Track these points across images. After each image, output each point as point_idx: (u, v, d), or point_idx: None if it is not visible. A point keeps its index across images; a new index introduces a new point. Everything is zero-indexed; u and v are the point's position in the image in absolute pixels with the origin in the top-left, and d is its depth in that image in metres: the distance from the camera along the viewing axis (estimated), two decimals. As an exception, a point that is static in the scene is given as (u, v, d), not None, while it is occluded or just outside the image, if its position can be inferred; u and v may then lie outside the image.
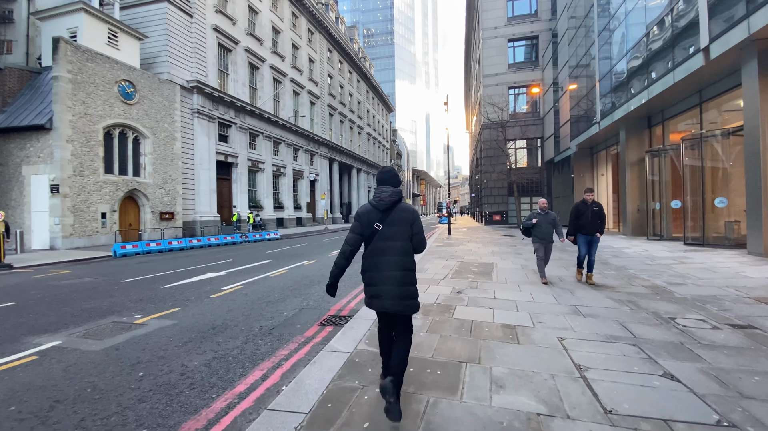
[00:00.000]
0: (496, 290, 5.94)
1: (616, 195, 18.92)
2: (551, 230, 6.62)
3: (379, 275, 2.54)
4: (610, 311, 4.79)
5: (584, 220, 6.48)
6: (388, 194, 2.58)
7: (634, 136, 15.20)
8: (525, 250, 11.45)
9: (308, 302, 5.92)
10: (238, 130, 26.98)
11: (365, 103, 53.90)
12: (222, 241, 18.25)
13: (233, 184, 26.96)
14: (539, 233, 6.60)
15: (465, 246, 12.98)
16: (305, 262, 10.55)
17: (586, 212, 6.47)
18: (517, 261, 9.08)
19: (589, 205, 6.51)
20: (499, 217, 30.19)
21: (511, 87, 29.73)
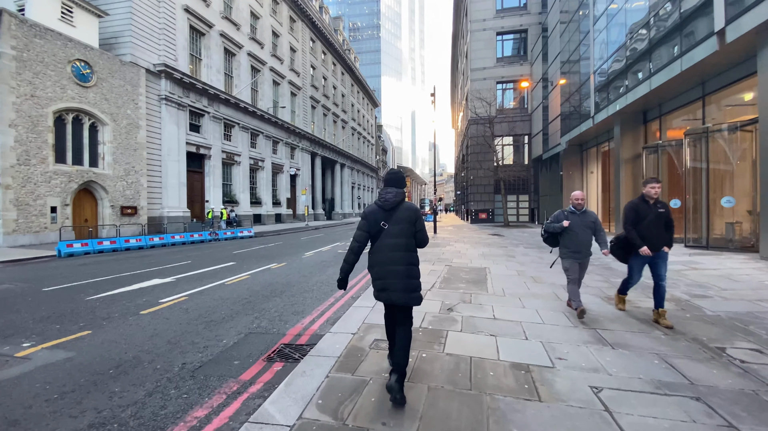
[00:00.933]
0: (495, 306, 4.86)
1: (606, 194, 18.28)
2: (590, 238, 4.57)
3: (385, 270, 2.72)
4: (642, 338, 3.76)
5: (648, 228, 4.20)
6: (393, 195, 2.76)
7: (629, 131, 14.46)
8: (517, 252, 10.48)
9: (261, 322, 4.69)
10: (212, 120, 25.26)
11: (350, 97, 52.42)
12: (188, 239, 16.71)
13: (206, 177, 25.26)
14: (572, 243, 4.52)
15: (452, 246, 11.95)
16: (273, 265, 9.27)
17: (649, 215, 4.21)
18: (512, 266, 8.06)
19: (652, 205, 4.25)
20: (486, 215, 29.43)
21: (499, 82, 28.91)
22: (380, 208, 2.79)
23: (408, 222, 2.74)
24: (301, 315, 4.92)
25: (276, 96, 33.48)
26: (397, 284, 2.69)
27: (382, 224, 2.74)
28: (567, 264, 4.64)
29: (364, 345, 3.44)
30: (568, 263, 4.62)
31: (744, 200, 9.69)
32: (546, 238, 4.84)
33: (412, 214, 2.77)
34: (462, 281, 6.43)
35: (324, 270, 8.43)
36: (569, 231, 4.56)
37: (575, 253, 4.57)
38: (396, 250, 2.72)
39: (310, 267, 8.92)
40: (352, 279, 7.42)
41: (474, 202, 29.88)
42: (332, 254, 11.42)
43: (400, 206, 2.77)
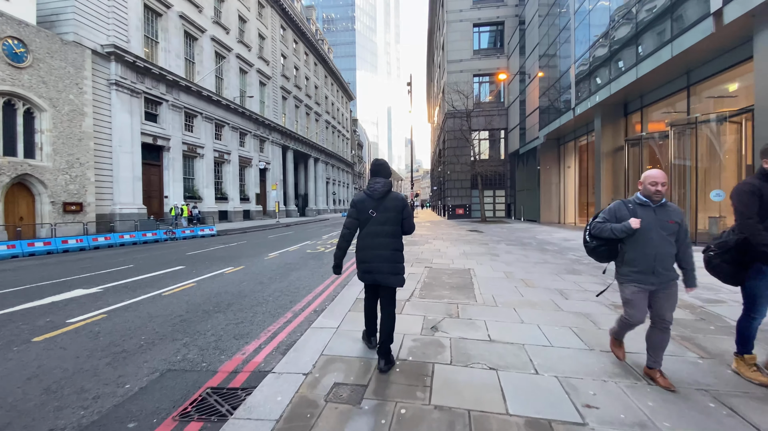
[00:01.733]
0: (488, 321, 3.96)
1: (584, 189, 18.03)
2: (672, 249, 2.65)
3: (372, 254, 2.88)
4: (678, 362, 2.96)
5: None
6: (381, 185, 2.94)
7: (610, 124, 14.09)
8: (500, 250, 9.75)
9: (189, 352, 3.58)
10: (171, 109, 23.28)
11: (323, 89, 50.73)
12: (140, 239, 15.03)
13: (164, 170, 23.30)
14: (642, 257, 2.64)
15: (431, 244, 11.09)
16: (228, 269, 8.06)
17: None
18: (498, 267, 7.25)
19: None
20: (463, 211, 28.94)
21: (476, 75, 28.34)
22: (369, 196, 2.93)
23: (395, 211, 2.90)
24: (245, 340, 3.84)
25: (243, 85, 31.56)
26: (383, 267, 2.85)
27: (370, 212, 2.89)
28: (629, 294, 2.72)
29: (319, 395, 2.43)
30: (632, 292, 2.69)
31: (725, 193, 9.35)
32: (594, 248, 2.89)
33: (399, 203, 2.92)
34: (445, 287, 5.52)
35: (286, 275, 7.33)
36: (639, 236, 2.64)
37: (646, 275, 2.63)
38: (383, 236, 2.87)
39: (271, 271, 7.78)
40: (319, 286, 6.37)
41: (451, 197, 29.32)
42: (299, 255, 10.28)
43: (388, 195, 2.92)
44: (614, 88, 11.74)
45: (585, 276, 6.31)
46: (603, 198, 14.09)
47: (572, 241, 11.39)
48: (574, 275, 6.43)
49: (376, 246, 2.87)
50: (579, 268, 7.06)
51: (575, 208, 19.16)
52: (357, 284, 5.72)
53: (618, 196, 14.01)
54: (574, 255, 8.71)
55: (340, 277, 6.92)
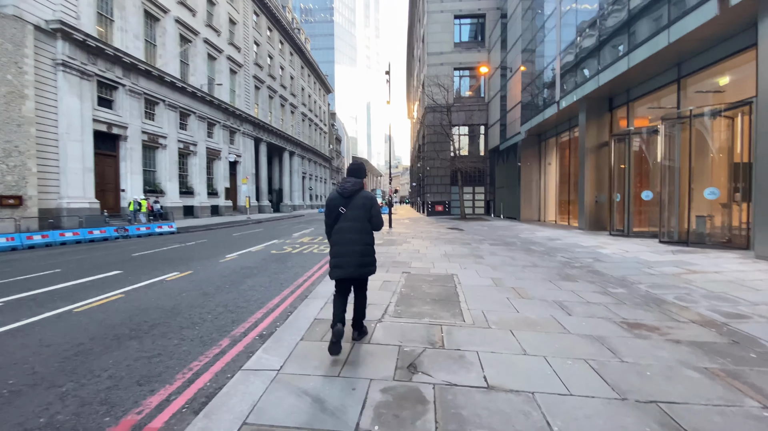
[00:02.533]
0: (481, 352, 3.05)
1: (565, 186, 17.63)
2: None
3: (343, 249, 3.09)
4: (740, 418, 2.15)
5: None
6: (351, 184, 3.16)
7: (594, 119, 13.59)
8: (483, 251, 8.95)
9: (62, 408, 2.47)
10: (129, 95, 21.34)
11: (300, 80, 48.93)
12: (85, 237, 13.39)
13: (121, 162, 21.38)
14: None
15: (410, 244, 10.19)
16: (172, 275, 6.86)
17: None
18: (484, 271, 6.42)
19: None
20: (442, 208, 28.30)
21: (456, 68, 27.62)
22: (340, 195, 3.17)
23: (364, 209, 3.13)
24: (151, 386, 2.77)
25: (212, 72, 29.64)
26: (353, 260, 3.06)
27: (340, 209, 3.14)
28: None
29: None
30: None
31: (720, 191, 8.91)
32: None
33: (367, 201, 3.16)
34: (426, 300, 4.60)
35: (240, 282, 6.22)
36: None
37: None
38: (353, 232, 3.10)
39: (223, 278, 6.65)
40: (274, 298, 5.32)
41: (430, 194, 28.61)
42: (261, 256, 9.14)
43: (358, 194, 3.17)
44: (603, 79, 11.15)
45: (582, 284, 5.55)
46: (587, 195, 13.61)
47: (557, 241, 10.77)
48: (570, 282, 5.67)
49: (348, 241, 3.08)
50: (572, 273, 6.31)
51: (556, 206, 18.78)
52: (319, 297, 4.72)
53: (602, 193, 13.57)
54: (564, 257, 8.01)
55: (302, 286, 5.90)
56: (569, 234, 12.63)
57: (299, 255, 9.14)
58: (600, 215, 13.63)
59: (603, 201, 13.61)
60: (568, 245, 9.81)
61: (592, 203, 13.62)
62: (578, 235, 12.12)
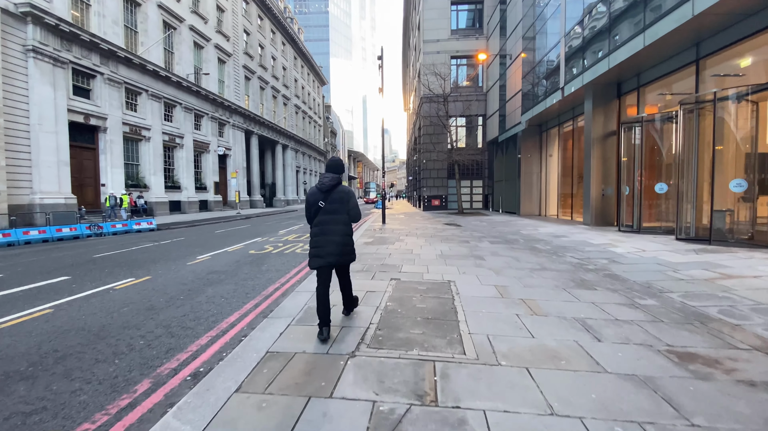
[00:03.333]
0: (490, 412, 2.14)
1: (568, 179, 16.74)
2: None
3: (324, 239, 3.27)
4: None
5: None
6: (329, 179, 3.34)
7: (601, 107, 12.66)
8: (483, 249, 8.06)
9: None
10: (108, 84, 20.17)
11: (292, 71, 47.57)
12: (53, 235, 12.38)
13: (101, 155, 20.28)
14: None
15: (403, 242, 9.28)
16: (123, 283, 5.91)
17: None
18: (486, 277, 5.52)
19: None
20: (439, 202, 27.39)
21: (453, 56, 26.54)
22: (319, 190, 3.35)
23: (341, 202, 3.32)
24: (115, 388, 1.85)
25: (198, 61, 28.39)
26: (333, 250, 3.26)
27: (319, 203, 3.31)
28: None
29: None
30: None
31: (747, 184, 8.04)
32: None
33: (344, 195, 3.34)
34: (416, 319, 3.69)
35: (198, 292, 5.29)
36: None
37: None
38: (333, 224, 3.29)
39: (181, 286, 5.71)
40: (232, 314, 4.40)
41: (426, 188, 27.67)
42: (236, 258, 8.20)
43: (336, 188, 3.35)
44: (615, 60, 10.19)
45: (602, 293, 4.67)
46: (593, 188, 12.73)
47: (563, 238, 9.89)
48: (588, 290, 4.78)
49: (328, 232, 3.27)
50: (588, 278, 5.43)
51: (558, 200, 17.91)
52: (284, 314, 3.81)
53: (609, 186, 12.69)
54: (574, 257, 7.13)
55: (270, 296, 4.98)
56: (574, 230, 11.77)
57: (279, 256, 8.21)
58: (607, 209, 12.76)
59: (610, 194, 12.74)
60: (576, 243, 8.93)
61: (599, 197, 12.74)
62: (585, 231, 11.25)
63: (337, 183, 3.36)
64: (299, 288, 4.91)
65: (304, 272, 6.50)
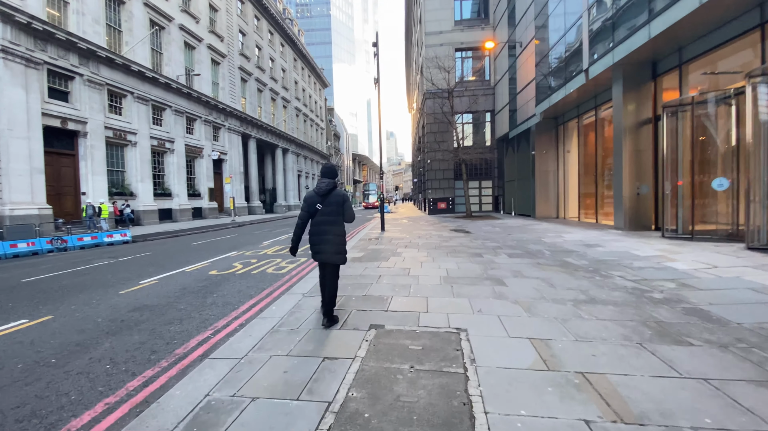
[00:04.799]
0: None
1: (590, 178, 14.85)
2: None
3: (320, 238, 3.65)
4: None
5: None
6: (325, 184, 3.66)
7: (633, 91, 10.81)
8: (501, 267, 6.29)
9: None
10: (88, 86, 18.85)
11: (292, 73, 46.27)
12: (7, 251, 10.87)
13: (80, 161, 18.92)
14: None
15: (399, 258, 7.53)
16: (10, 327, 4.27)
17: None
18: (516, 322, 3.75)
19: None
20: (445, 205, 25.57)
21: (458, 49, 24.81)
22: (316, 194, 3.68)
23: (336, 205, 3.66)
24: None
25: (190, 62, 27.08)
26: (328, 248, 3.63)
27: (317, 206, 3.65)
28: None
29: None
30: None
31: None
32: None
33: (340, 198, 3.68)
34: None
35: (89, 348, 3.59)
36: None
37: None
38: (328, 225, 3.64)
39: (77, 334, 4.02)
40: (89, 409, 2.70)
41: (432, 190, 25.88)
42: (187, 282, 6.52)
43: (332, 192, 3.68)
44: (658, 28, 8.35)
45: (706, 352, 2.88)
46: (625, 186, 10.84)
47: (598, 248, 8.04)
48: (680, 347, 2.98)
49: (323, 232, 3.63)
50: (666, 319, 3.63)
51: (579, 200, 16.00)
52: (168, 411, 2.08)
53: (644, 183, 10.80)
54: (625, 278, 5.31)
55: (186, 359, 3.27)
56: (607, 236, 9.89)
57: (241, 279, 6.53)
58: (642, 211, 10.87)
59: (645, 193, 10.85)
60: (618, 255, 7.09)
61: (632, 196, 10.85)
62: (621, 238, 9.38)
63: (333, 187, 3.67)
64: (231, 342, 3.23)
65: (265, 304, 4.81)
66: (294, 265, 7.67)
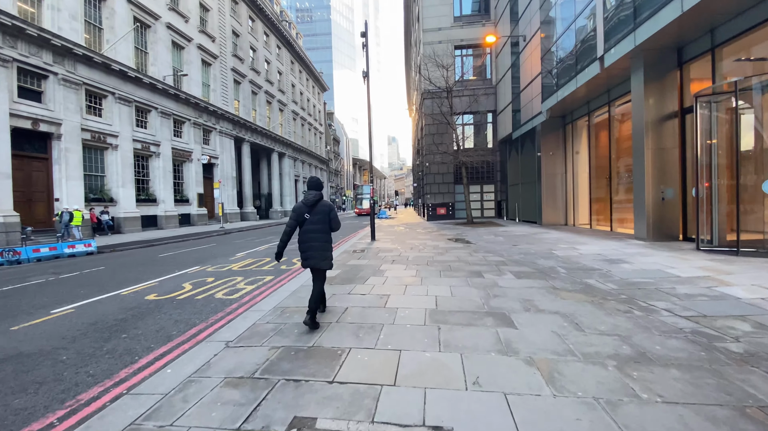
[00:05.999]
0: None
1: (602, 180, 13.48)
2: None
3: (308, 245, 3.93)
4: None
5: None
6: (312, 196, 3.96)
7: (656, 81, 9.45)
8: (509, 293, 4.93)
9: None
10: (63, 85, 17.71)
11: (289, 76, 45.25)
12: (-57, 266, 9.58)
13: (54, 165, 17.70)
14: None
15: (381, 279, 6.16)
16: None
17: None
18: (535, 413, 2.39)
19: None
20: (445, 210, 24.18)
21: (458, 46, 23.56)
22: (304, 204, 3.96)
23: (323, 214, 3.95)
24: None
25: (179, 63, 25.99)
26: (316, 254, 3.92)
27: (305, 215, 3.93)
28: None
29: None
30: None
31: None
32: None
33: (326, 208, 3.97)
34: None
35: None
36: None
37: None
38: (315, 233, 3.93)
39: None
40: None
41: (431, 195, 24.51)
42: (105, 313, 5.16)
43: (319, 203, 3.98)
44: (690, 1, 7.00)
45: None
46: (648, 190, 9.44)
47: (623, 264, 6.64)
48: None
49: (311, 239, 3.91)
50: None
51: (589, 206, 14.59)
52: None
53: (670, 185, 9.41)
54: (674, 311, 3.92)
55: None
56: (629, 248, 8.47)
57: (179, 307, 5.19)
58: (667, 218, 9.46)
59: (671, 197, 9.45)
60: (653, 276, 5.69)
61: (657, 201, 9.45)
62: (646, 251, 7.97)
63: (320, 198, 3.99)
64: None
65: (170, 357, 3.46)
66: (253, 286, 6.33)
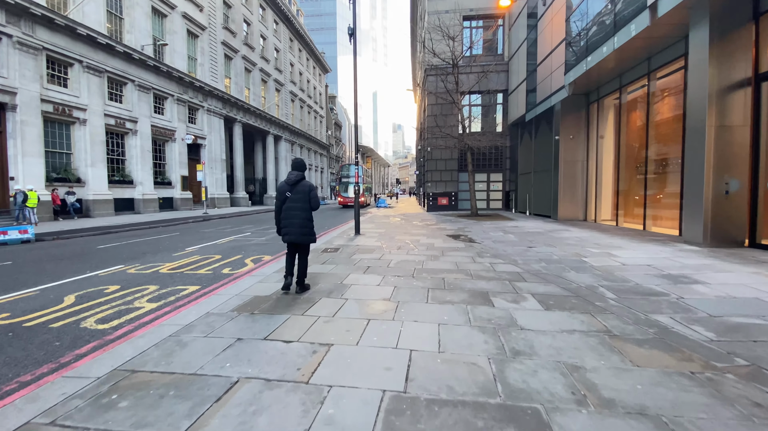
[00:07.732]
0: None
1: (631, 170, 11.32)
2: None
3: (289, 222, 4.40)
4: None
5: None
6: (294, 176, 4.44)
7: (722, 39, 7.22)
8: (532, 337, 2.95)
9: None
10: (18, 49, 15.65)
11: (288, 54, 42.71)
12: None
13: (8, 140, 15.78)
14: None
15: (335, 305, 4.22)
16: None
17: None
18: None
19: None
20: (447, 201, 22.08)
21: (466, 17, 21.09)
22: (286, 183, 4.44)
23: (303, 193, 4.42)
24: None
25: (160, 32, 23.72)
26: (297, 230, 4.39)
27: (287, 194, 4.41)
28: None
29: None
30: None
31: None
32: None
33: (306, 188, 4.44)
34: None
35: None
36: None
37: None
38: (296, 210, 4.39)
39: None
40: None
41: (432, 183, 22.37)
42: None
43: (300, 183, 4.44)
44: None
45: None
46: (709, 178, 7.31)
47: (696, 285, 4.61)
48: None
49: (293, 216, 4.38)
50: None
51: (615, 200, 12.45)
52: None
53: (735, 176, 7.27)
54: None
55: None
56: (687, 257, 6.40)
57: (10, 343, 3.24)
58: (732, 217, 7.34)
59: (736, 190, 7.32)
60: (759, 312, 3.65)
61: (718, 195, 7.32)
62: (713, 263, 5.89)
63: (301, 178, 4.45)
64: None
65: None
66: (156, 304, 4.40)
